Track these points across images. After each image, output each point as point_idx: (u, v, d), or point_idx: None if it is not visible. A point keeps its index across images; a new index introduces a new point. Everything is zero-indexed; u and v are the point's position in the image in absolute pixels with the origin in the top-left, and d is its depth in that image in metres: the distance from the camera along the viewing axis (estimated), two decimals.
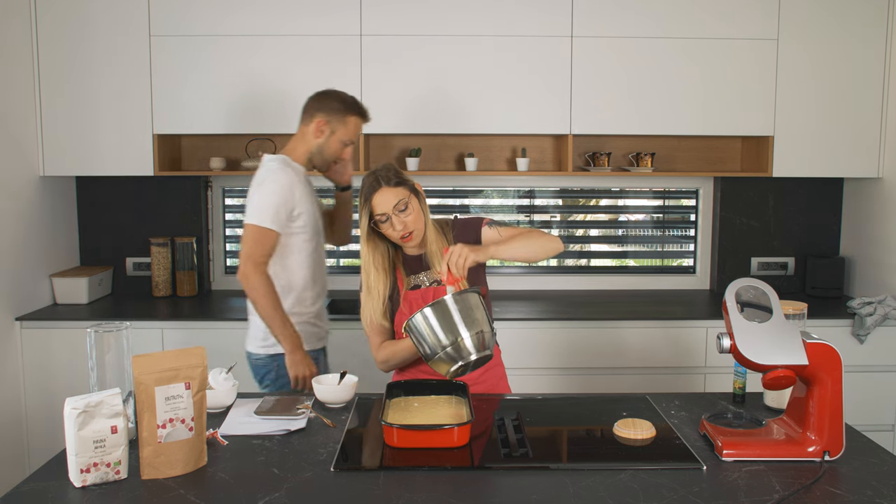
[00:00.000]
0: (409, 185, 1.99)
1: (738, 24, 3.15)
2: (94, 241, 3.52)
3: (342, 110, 2.38)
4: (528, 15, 3.13)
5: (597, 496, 1.40)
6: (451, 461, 1.55)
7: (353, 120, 2.40)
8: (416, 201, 1.99)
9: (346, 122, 2.39)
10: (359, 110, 2.41)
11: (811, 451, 1.55)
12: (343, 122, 2.39)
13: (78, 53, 3.11)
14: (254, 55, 3.13)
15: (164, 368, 1.47)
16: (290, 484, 1.45)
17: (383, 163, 2.04)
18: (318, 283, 2.43)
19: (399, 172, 1.99)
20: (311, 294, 2.40)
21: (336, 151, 2.43)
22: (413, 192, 2.00)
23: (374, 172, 1.98)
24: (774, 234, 3.59)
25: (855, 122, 3.20)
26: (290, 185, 2.31)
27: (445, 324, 1.71)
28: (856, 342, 3.04)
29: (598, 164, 3.38)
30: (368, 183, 1.97)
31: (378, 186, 1.95)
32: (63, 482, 1.45)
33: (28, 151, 3.10)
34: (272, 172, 2.31)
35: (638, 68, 3.17)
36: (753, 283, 1.63)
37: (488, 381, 2.08)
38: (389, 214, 1.94)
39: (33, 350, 2.99)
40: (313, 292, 2.41)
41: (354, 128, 2.42)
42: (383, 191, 1.94)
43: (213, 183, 3.60)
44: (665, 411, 1.86)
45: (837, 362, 1.54)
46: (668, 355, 3.03)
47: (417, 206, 1.99)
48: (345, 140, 2.41)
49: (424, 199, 2.04)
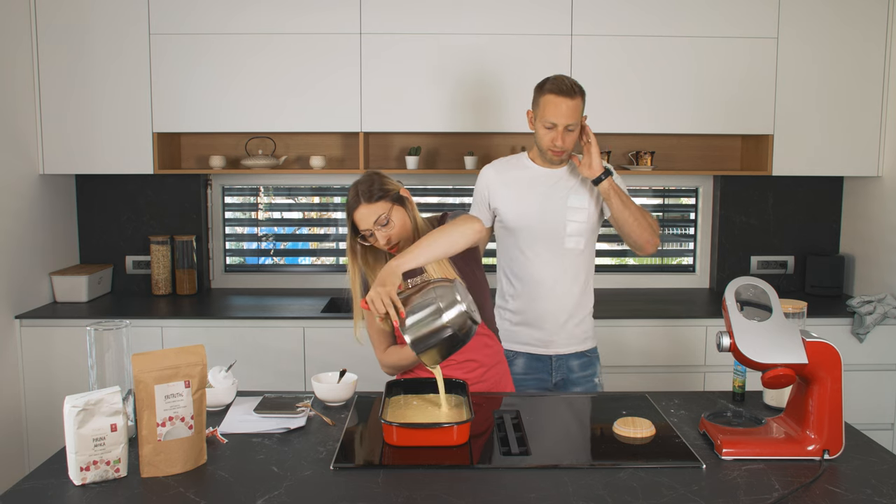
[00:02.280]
0: (391, 196, 1.94)
1: (738, 22, 3.14)
2: (93, 239, 3.52)
3: (537, 91, 2.24)
4: (527, 13, 3.13)
5: (596, 495, 1.40)
6: (450, 460, 1.55)
7: (546, 98, 2.18)
8: (401, 211, 1.95)
9: (539, 103, 2.22)
10: (550, 87, 2.18)
11: (811, 450, 1.55)
12: (537, 103, 2.23)
13: (78, 52, 3.11)
14: (253, 53, 3.13)
15: (163, 367, 1.47)
16: (289, 482, 1.45)
17: (367, 171, 2.00)
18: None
19: (381, 184, 1.94)
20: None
21: (542, 137, 2.23)
22: (397, 201, 1.95)
23: (356, 185, 1.95)
24: (774, 232, 3.59)
25: (855, 121, 3.20)
26: (484, 185, 2.36)
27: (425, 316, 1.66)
28: (855, 341, 3.04)
29: None
30: (350, 198, 1.95)
31: (357, 204, 1.92)
32: (63, 480, 1.45)
33: (28, 149, 3.10)
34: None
35: (637, 67, 3.17)
36: (753, 281, 1.63)
37: (490, 380, 2.07)
38: (372, 230, 1.92)
39: (33, 348, 2.99)
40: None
41: (551, 107, 2.17)
42: (362, 208, 1.91)
43: (213, 181, 3.60)
44: (665, 410, 1.86)
45: (837, 361, 1.54)
46: (668, 354, 3.03)
47: (403, 214, 1.95)
48: (544, 122, 2.20)
49: (412, 204, 2.00)
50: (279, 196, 3.71)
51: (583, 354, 2.36)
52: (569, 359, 2.35)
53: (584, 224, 2.28)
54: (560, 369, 2.35)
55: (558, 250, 2.28)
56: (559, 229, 2.27)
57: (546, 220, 2.28)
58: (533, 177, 2.31)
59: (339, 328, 2.98)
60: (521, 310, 2.35)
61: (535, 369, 2.36)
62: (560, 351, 2.34)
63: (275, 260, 3.71)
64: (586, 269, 2.34)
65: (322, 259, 3.73)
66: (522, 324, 2.35)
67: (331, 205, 3.71)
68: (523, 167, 2.34)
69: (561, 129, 2.19)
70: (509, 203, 2.31)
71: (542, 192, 2.29)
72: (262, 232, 3.71)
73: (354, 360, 2.52)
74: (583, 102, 2.23)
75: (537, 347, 2.35)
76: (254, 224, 3.70)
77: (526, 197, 2.30)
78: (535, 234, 2.29)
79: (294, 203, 3.74)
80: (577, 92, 2.20)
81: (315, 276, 3.64)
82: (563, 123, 2.18)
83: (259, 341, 3.00)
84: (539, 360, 2.35)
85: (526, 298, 2.33)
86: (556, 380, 2.36)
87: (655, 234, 2.23)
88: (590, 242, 2.33)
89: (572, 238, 2.28)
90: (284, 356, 3.00)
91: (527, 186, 2.30)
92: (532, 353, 2.35)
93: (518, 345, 2.37)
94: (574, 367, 2.35)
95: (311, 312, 3.07)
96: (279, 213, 3.71)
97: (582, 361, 2.36)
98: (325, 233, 3.72)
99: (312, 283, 3.63)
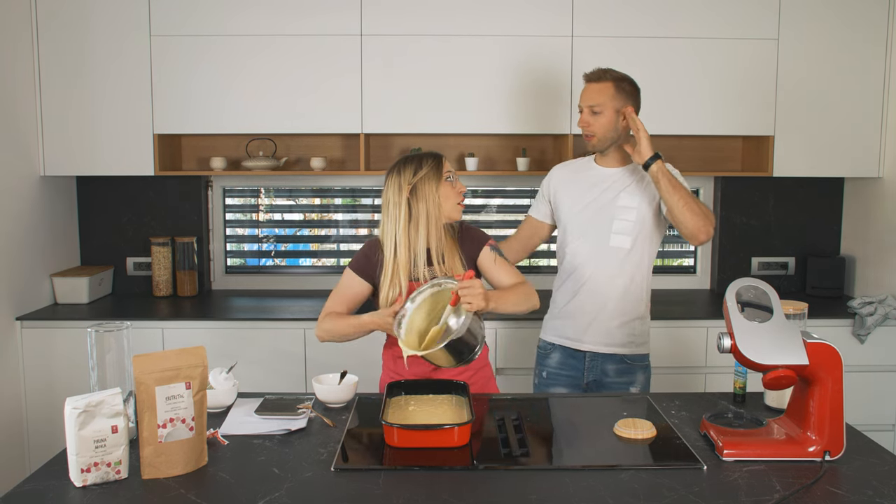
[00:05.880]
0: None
1: (738, 23, 3.14)
2: (94, 240, 3.52)
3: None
4: (528, 15, 3.13)
5: (597, 496, 1.40)
6: (451, 461, 1.55)
7: (585, 87, 2.34)
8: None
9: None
10: (584, 76, 2.35)
11: (812, 451, 1.55)
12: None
13: (78, 53, 3.11)
14: (254, 55, 3.13)
15: (164, 368, 1.47)
16: (290, 483, 1.45)
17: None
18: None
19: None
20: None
21: (581, 124, 2.34)
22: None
23: (432, 153, 2.15)
24: (775, 233, 3.59)
25: (856, 122, 3.20)
26: (548, 180, 2.48)
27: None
28: (856, 342, 3.04)
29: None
30: (431, 154, 2.13)
31: (441, 163, 2.11)
32: (63, 482, 1.45)
33: (29, 151, 3.10)
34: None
35: (638, 68, 3.14)
36: (754, 282, 1.63)
37: (478, 383, 2.10)
38: (454, 175, 2.10)
39: (34, 350, 2.99)
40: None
41: (585, 93, 2.33)
42: (448, 162, 2.14)
43: (214, 182, 3.60)
44: (665, 411, 1.86)
45: (838, 362, 1.54)
46: (669, 355, 3.03)
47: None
48: (581, 106, 2.33)
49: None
50: (280, 197, 3.71)
51: (622, 360, 2.34)
52: (605, 361, 2.33)
53: (632, 223, 2.28)
54: (593, 370, 2.34)
55: (603, 247, 2.30)
56: (605, 226, 2.30)
57: (593, 216, 2.31)
58: (593, 175, 2.37)
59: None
60: (561, 302, 2.40)
61: (568, 366, 2.37)
62: (593, 349, 2.33)
63: (275, 261, 3.71)
64: (634, 271, 2.31)
65: (323, 261, 3.73)
66: (559, 316, 2.39)
67: (331, 206, 3.72)
68: (587, 168, 2.40)
69: (586, 110, 2.29)
70: (564, 197, 2.38)
71: (597, 190, 2.33)
72: (263, 233, 3.71)
73: (355, 361, 2.52)
74: (616, 87, 2.28)
75: (570, 341, 2.36)
76: (254, 225, 3.70)
77: (580, 193, 2.35)
78: (582, 228, 2.33)
79: (295, 205, 3.75)
80: (605, 77, 2.29)
81: (316, 278, 3.64)
82: (586, 104, 2.29)
83: (260, 343, 3.00)
84: (573, 356, 2.36)
85: (566, 291, 2.37)
86: (588, 379, 2.35)
87: (709, 221, 2.19)
88: (641, 244, 2.30)
89: (618, 236, 2.28)
90: (285, 357, 3.01)
91: (584, 184, 2.36)
92: (566, 346, 2.37)
93: (554, 336, 2.40)
94: (609, 370, 2.33)
95: (312, 314, 3.07)
96: (280, 214, 3.71)
97: (620, 367, 2.33)
98: (325, 234, 3.72)
99: (313, 284, 3.63)
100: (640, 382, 2.36)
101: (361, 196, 3.69)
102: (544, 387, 2.42)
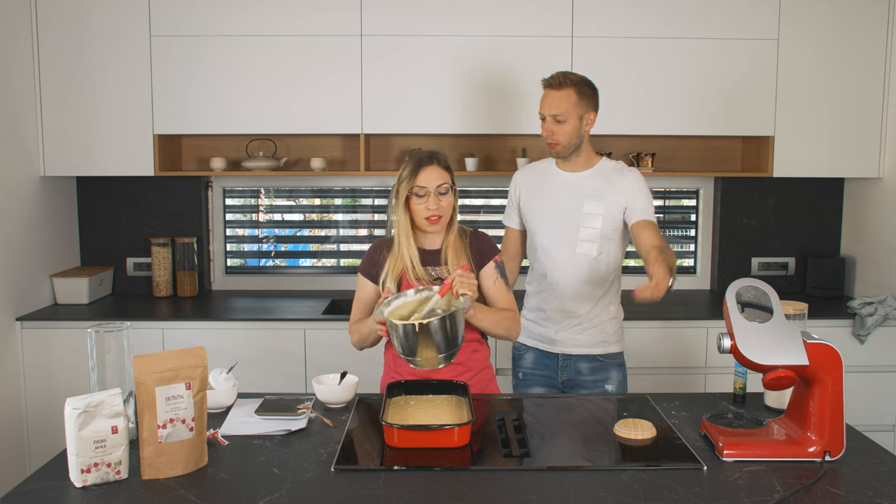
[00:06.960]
0: (451, 177, 2.04)
1: (738, 24, 3.14)
2: (94, 241, 3.52)
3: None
4: (528, 15, 3.13)
5: (597, 496, 1.40)
6: (451, 461, 1.55)
7: (546, 93, 2.27)
8: (453, 197, 2.05)
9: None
10: (543, 82, 2.27)
11: (812, 452, 1.55)
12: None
13: (78, 53, 3.11)
14: (254, 55, 3.13)
15: (164, 369, 1.47)
16: (290, 484, 1.45)
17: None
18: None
19: (447, 161, 2.06)
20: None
21: (545, 132, 2.31)
22: (454, 184, 2.05)
23: (430, 151, 2.04)
24: (775, 234, 3.59)
25: (855, 122, 3.20)
26: (514, 187, 2.47)
27: (413, 342, 1.80)
28: (856, 342, 3.04)
29: None
30: (421, 156, 2.01)
31: (430, 163, 1.99)
32: (63, 482, 1.45)
33: (29, 152, 3.10)
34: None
35: (638, 68, 3.17)
36: (754, 283, 1.63)
37: (479, 385, 2.10)
38: (430, 191, 1.98)
39: (34, 350, 2.99)
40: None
41: (542, 100, 2.28)
42: (433, 169, 1.99)
43: (214, 183, 3.60)
44: (665, 411, 1.86)
45: (838, 362, 1.54)
46: (669, 355, 3.03)
47: (452, 200, 2.05)
48: (542, 114, 2.28)
49: (457, 202, 2.10)
50: (280, 198, 3.71)
51: (594, 358, 2.35)
52: (578, 360, 2.35)
53: (597, 231, 2.27)
54: (567, 369, 2.36)
55: (570, 254, 2.30)
56: (572, 233, 2.29)
57: (559, 224, 2.31)
58: (556, 182, 2.35)
59: (340, 330, 2.98)
60: (534, 307, 2.41)
61: (542, 366, 2.39)
62: (565, 350, 2.35)
63: (276, 262, 3.71)
64: (604, 276, 2.31)
65: (323, 261, 3.73)
66: (533, 320, 2.41)
67: (331, 206, 3.72)
68: (550, 173, 2.38)
69: (549, 119, 2.25)
70: (530, 204, 2.38)
71: (561, 195, 2.32)
72: (263, 234, 3.71)
73: (355, 361, 2.52)
74: (578, 93, 2.23)
75: (544, 344, 2.38)
76: (254, 226, 3.70)
77: (545, 201, 2.34)
78: (550, 235, 2.33)
79: (295, 205, 3.75)
80: (566, 83, 2.23)
81: (316, 278, 3.64)
82: (548, 113, 2.25)
83: (260, 343, 3.00)
84: (546, 356, 2.39)
85: (540, 296, 2.38)
86: (562, 379, 2.37)
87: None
88: (608, 249, 2.30)
89: (585, 243, 2.28)
90: (285, 358, 3.01)
91: (549, 190, 2.35)
92: (540, 348, 2.39)
93: (529, 339, 2.42)
94: (583, 369, 2.35)
95: (312, 314, 3.07)
96: (280, 214, 3.72)
97: (593, 365, 2.35)
98: (325, 234, 3.72)
99: (313, 284, 3.63)
100: (616, 380, 2.38)
101: (361, 196, 3.69)
102: (522, 388, 2.45)
